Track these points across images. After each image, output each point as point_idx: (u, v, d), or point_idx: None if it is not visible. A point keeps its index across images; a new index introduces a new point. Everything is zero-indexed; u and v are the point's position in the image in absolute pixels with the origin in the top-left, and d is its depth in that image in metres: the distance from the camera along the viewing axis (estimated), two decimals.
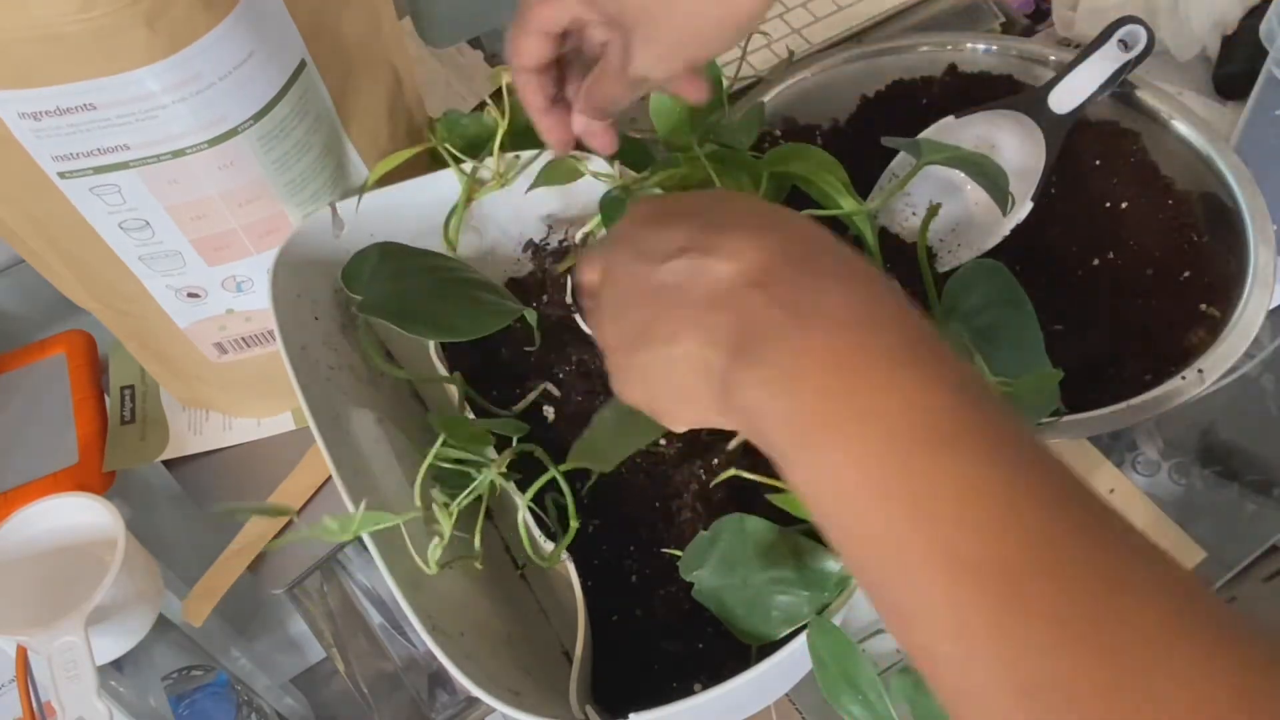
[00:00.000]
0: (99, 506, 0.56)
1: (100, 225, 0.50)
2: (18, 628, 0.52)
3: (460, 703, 0.56)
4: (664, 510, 0.50)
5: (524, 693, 0.41)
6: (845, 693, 0.40)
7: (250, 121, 0.47)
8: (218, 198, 0.50)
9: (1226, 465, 0.63)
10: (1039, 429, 0.51)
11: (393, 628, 0.58)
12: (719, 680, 0.38)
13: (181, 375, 0.64)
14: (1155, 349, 0.58)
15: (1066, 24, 0.81)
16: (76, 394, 0.67)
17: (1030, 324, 0.45)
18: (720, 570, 0.42)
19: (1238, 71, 0.76)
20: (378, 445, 0.51)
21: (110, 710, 0.49)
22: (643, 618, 0.48)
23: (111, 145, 0.45)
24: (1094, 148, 0.67)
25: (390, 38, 0.55)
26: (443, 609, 0.44)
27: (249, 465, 0.66)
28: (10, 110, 0.43)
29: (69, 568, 0.57)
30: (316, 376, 0.50)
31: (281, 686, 0.58)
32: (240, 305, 0.57)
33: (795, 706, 0.55)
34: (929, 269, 0.51)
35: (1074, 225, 0.66)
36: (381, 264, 0.48)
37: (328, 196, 0.54)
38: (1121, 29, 0.63)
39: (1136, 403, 0.52)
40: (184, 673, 0.57)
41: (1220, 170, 0.62)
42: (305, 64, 0.49)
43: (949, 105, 0.67)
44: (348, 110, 0.53)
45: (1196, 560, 0.60)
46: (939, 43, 0.71)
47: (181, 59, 0.43)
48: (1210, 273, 0.60)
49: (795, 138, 0.69)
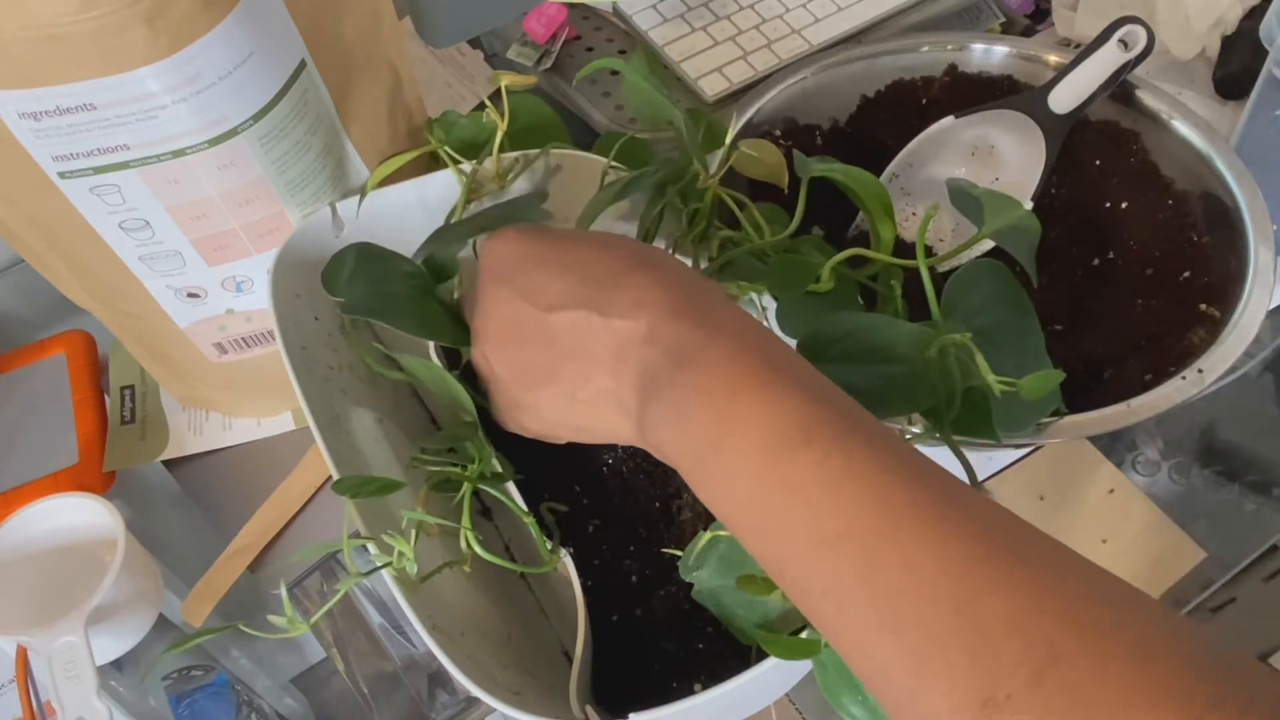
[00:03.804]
0: (99, 506, 0.56)
1: (100, 225, 0.50)
2: (18, 628, 0.52)
3: (460, 703, 0.56)
4: (664, 510, 0.50)
5: (524, 693, 0.41)
6: (845, 693, 0.40)
7: (250, 121, 0.47)
8: (218, 198, 0.50)
9: (1226, 465, 0.63)
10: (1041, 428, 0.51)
11: (393, 628, 0.58)
12: (719, 680, 0.38)
13: (181, 375, 0.64)
14: (1155, 349, 0.58)
15: (1066, 24, 0.81)
16: (76, 394, 0.67)
17: (1030, 324, 0.45)
18: (720, 570, 0.42)
19: (1238, 71, 0.76)
20: (378, 445, 0.51)
21: (110, 710, 0.49)
22: (643, 618, 0.48)
23: (111, 145, 0.45)
24: (1094, 148, 0.67)
25: (390, 38, 0.55)
26: (443, 609, 0.44)
27: (249, 465, 0.66)
28: (10, 110, 0.43)
29: (69, 568, 0.57)
30: (316, 376, 0.50)
31: (281, 686, 0.58)
32: (240, 305, 0.57)
33: (795, 706, 0.55)
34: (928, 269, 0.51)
35: (1074, 225, 0.66)
36: (359, 268, 0.48)
37: (328, 196, 0.54)
38: (1121, 29, 0.63)
39: (1136, 403, 0.52)
40: (184, 673, 0.57)
41: (1220, 170, 0.62)
42: (305, 64, 0.49)
43: (949, 105, 0.67)
44: (348, 110, 0.53)
45: (1197, 560, 0.60)
46: (939, 43, 0.71)
47: (181, 59, 0.43)
48: (1210, 273, 0.60)
49: (795, 138, 0.69)
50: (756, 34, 0.81)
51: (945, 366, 0.40)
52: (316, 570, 0.60)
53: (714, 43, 0.81)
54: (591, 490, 0.52)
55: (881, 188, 0.47)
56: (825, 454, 0.31)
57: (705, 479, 0.34)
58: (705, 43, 0.81)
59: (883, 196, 0.47)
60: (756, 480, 0.32)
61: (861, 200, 0.47)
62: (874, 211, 0.47)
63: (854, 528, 0.30)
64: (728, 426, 0.32)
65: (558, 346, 0.38)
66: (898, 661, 0.28)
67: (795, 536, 0.31)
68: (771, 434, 0.32)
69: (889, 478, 0.30)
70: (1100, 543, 0.61)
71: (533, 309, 0.39)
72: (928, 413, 0.41)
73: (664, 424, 0.35)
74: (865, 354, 0.41)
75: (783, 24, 0.81)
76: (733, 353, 0.34)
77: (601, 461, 0.53)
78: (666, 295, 0.36)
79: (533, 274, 0.39)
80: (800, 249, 0.49)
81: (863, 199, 0.47)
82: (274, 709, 0.57)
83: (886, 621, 0.29)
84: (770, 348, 0.35)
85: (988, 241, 0.48)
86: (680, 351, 0.34)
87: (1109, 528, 0.61)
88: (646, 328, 0.35)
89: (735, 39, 0.81)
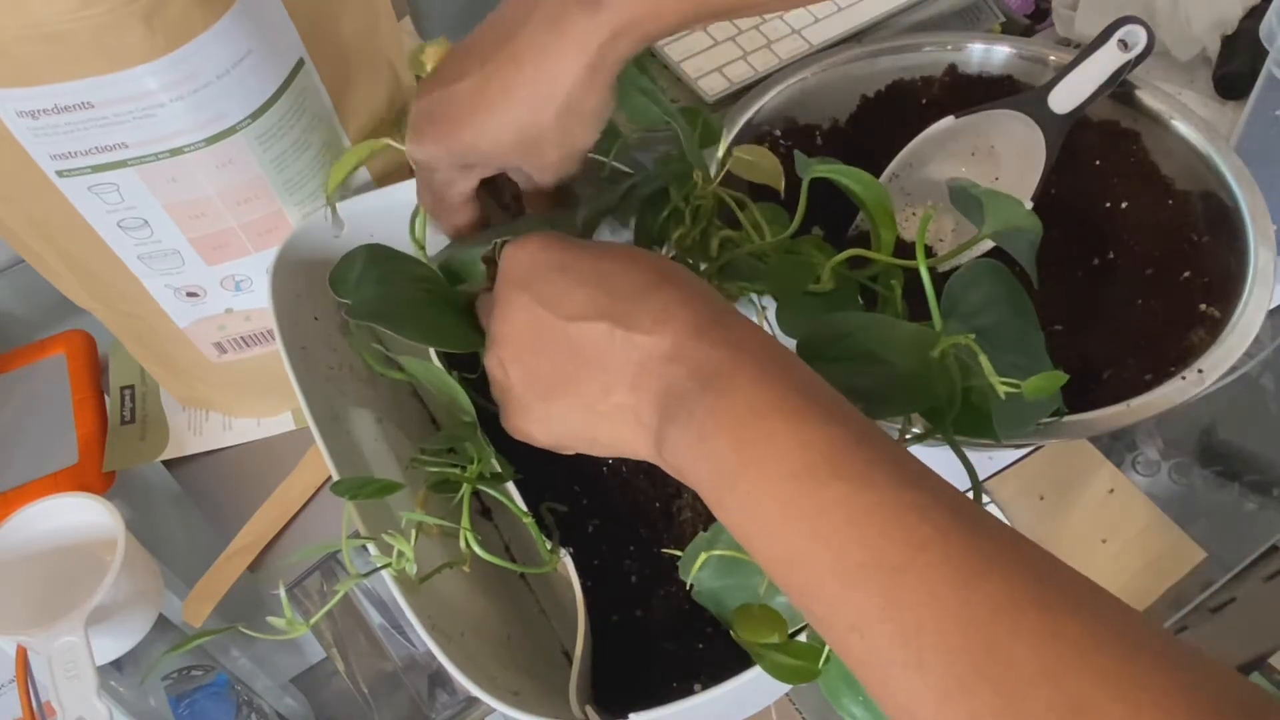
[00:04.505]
0: (99, 506, 0.56)
1: (99, 224, 0.50)
2: (18, 628, 0.52)
3: (460, 703, 0.56)
4: (664, 510, 0.50)
5: (524, 693, 0.41)
6: (845, 693, 0.40)
7: (248, 120, 0.47)
8: (216, 196, 0.50)
9: (1226, 465, 0.63)
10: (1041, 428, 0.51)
11: (393, 628, 0.58)
12: (719, 680, 0.38)
13: (181, 375, 0.64)
14: (1155, 349, 0.58)
15: (1066, 24, 0.81)
16: (76, 394, 0.67)
17: (1031, 324, 0.45)
18: (720, 571, 0.42)
19: (1238, 71, 0.76)
20: (378, 445, 0.51)
21: (110, 710, 0.49)
22: (643, 618, 0.48)
23: (109, 144, 0.45)
24: (1094, 148, 0.67)
25: (388, 36, 0.55)
26: (443, 609, 0.44)
27: (249, 465, 0.66)
28: (8, 109, 0.43)
29: (69, 568, 0.56)
30: (316, 376, 0.50)
31: (281, 686, 0.58)
32: (239, 304, 0.57)
33: (795, 706, 0.55)
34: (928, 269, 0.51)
35: (1074, 225, 0.66)
36: (368, 269, 0.48)
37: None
38: (1121, 29, 0.63)
39: (1136, 403, 0.52)
40: (184, 673, 0.57)
41: (1220, 170, 0.62)
42: (303, 62, 0.49)
43: (949, 105, 0.67)
44: (346, 109, 0.53)
45: (1196, 560, 0.60)
46: (939, 43, 0.71)
47: (179, 57, 0.43)
48: (1210, 273, 0.60)
49: (795, 137, 0.69)
50: (756, 34, 0.81)
51: (945, 367, 0.40)
52: (316, 570, 0.60)
53: (714, 43, 0.81)
54: (591, 490, 0.52)
55: (881, 189, 0.47)
56: (853, 487, 0.30)
57: (729, 506, 0.33)
58: (705, 43, 0.81)
59: (883, 198, 0.47)
60: (781, 513, 0.31)
61: (862, 201, 0.47)
62: (874, 213, 0.47)
63: (881, 564, 0.29)
64: (751, 455, 0.32)
65: (577, 357, 0.37)
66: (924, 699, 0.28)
67: (820, 571, 0.30)
68: (798, 465, 0.31)
69: (916, 515, 0.30)
70: (1100, 543, 0.61)
71: (553, 317, 0.38)
72: (928, 413, 0.41)
73: (684, 446, 0.34)
74: (865, 354, 0.41)
75: (783, 24, 0.81)
76: (756, 377, 0.33)
77: (601, 462, 0.53)
78: (691, 313, 0.36)
79: (555, 282, 0.39)
80: (800, 249, 0.49)
81: (863, 200, 0.47)
82: (274, 709, 0.56)
83: (912, 658, 0.28)
84: (794, 372, 0.34)
85: (988, 241, 0.48)
86: (704, 372, 0.34)
87: (1109, 528, 0.61)
88: (670, 345, 0.35)
89: (735, 39, 0.81)
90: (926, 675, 0.28)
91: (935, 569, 0.28)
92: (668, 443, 0.35)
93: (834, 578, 0.30)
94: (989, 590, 0.28)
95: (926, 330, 0.41)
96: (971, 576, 0.28)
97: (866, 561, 0.29)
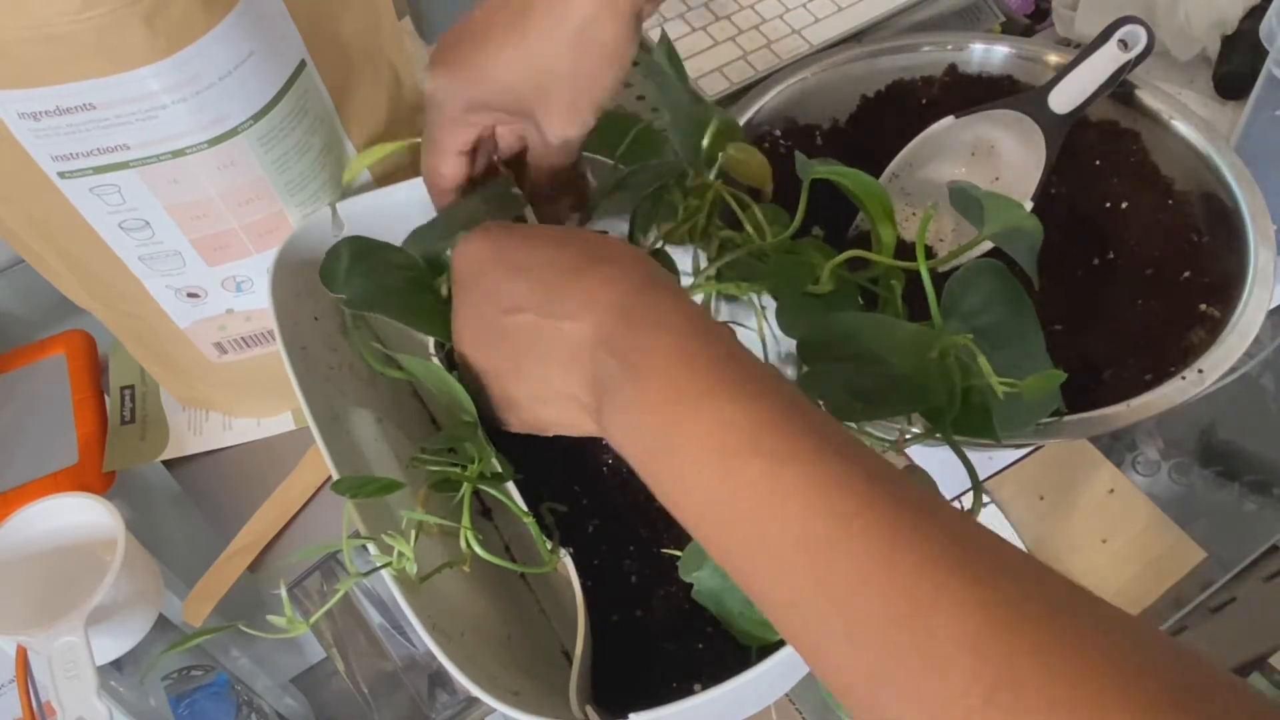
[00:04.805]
0: (99, 506, 0.56)
1: (100, 225, 0.50)
2: (18, 628, 0.52)
3: (460, 703, 0.56)
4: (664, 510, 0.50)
5: (524, 693, 0.41)
6: None
7: (250, 121, 0.47)
8: (217, 197, 0.50)
9: (1226, 465, 0.64)
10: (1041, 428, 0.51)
11: (393, 628, 0.58)
12: (719, 680, 0.38)
13: (181, 375, 0.64)
14: (1155, 349, 0.58)
15: (1066, 24, 0.81)
16: (76, 394, 0.67)
17: (1031, 324, 0.45)
18: (720, 571, 0.42)
19: (1238, 71, 0.76)
20: (378, 445, 0.51)
21: (110, 710, 0.49)
22: (643, 618, 0.48)
23: (111, 145, 0.45)
24: (1094, 148, 0.67)
25: (390, 37, 0.55)
26: (443, 609, 0.44)
27: (249, 465, 0.66)
28: (10, 110, 0.43)
29: (69, 568, 0.57)
30: (316, 376, 0.50)
31: (281, 686, 0.58)
32: (240, 305, 0.57)
33: (795, 706, 0.55)
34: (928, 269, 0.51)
35: (1074, 225, 0.66)
36: (354, 263, 0.49)
37: (327, 196, 0.54)
38: (1121, 29, 0.63)
39: (1136, 403, 0.52)
40: (184, 673, 0.57)
41: (1220, 170, 0.62)
42: (305, 64, 0.49)
43: (949, 105, 0.67)
44: (347, 110, 0.53)
45: (1196, 560, 0.60)
46: (939, 43, 0.71)
47: (181, 59, 0.43)
48: (1210, 273, 0.60)
49: (795, 138, 0.69)
50: (756, 34, 0.81)
51: (945, 367, 0.40)
52: (316, 570, 0.60)
53: (714, 43, 0.81)
54: (591, 490, 0.52)
55: (882, 191, 0.47)
56: (773, 464, 0.30)
57: (663, 485, 0.34)
58: (705, 43, 0.81)
59: (883, 200, 0.47)
60: (706, 494, 0.32)
61: (862, 203, 0.47)
62: (874, 214, 0.47)
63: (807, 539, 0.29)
64: (676, 437, 0.32)
65: (517, 349, 0.39)
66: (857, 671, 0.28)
67: (751, 549, 0.31)
68: (719, 444, 0.31)
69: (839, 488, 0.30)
70: (1100, 543, 0.61)
71: (494, 312, 0.39)
72: (928, 413, 0.41)
73: (617, 429, 0.35)
74: (865, 355, 0.41)
75: (783, 24, 0.81)
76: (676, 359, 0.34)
77: (601, 461, 0.53)
78: (616, 294, 0.36)
79: (491, 277, 0.40)
80: (800, 250, 0.49)
81: (863, 201, 0.47)
82: (274, 709, 0.57)
83: (841, 631, 0.28)
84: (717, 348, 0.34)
85: (988, 242, 0.48)
86: (626, 356, 0.34)
87: (1109, 528, 0.61)
88: (593, 331, 0.36)
89: (735, 39, 0.81)
90: (856, 648, 0.28)
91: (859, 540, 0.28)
92: (605, 424, 0.36)
93: (764, 555, 0.30)
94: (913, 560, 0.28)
95: (926, 330, 0.41)
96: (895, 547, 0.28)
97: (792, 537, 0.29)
